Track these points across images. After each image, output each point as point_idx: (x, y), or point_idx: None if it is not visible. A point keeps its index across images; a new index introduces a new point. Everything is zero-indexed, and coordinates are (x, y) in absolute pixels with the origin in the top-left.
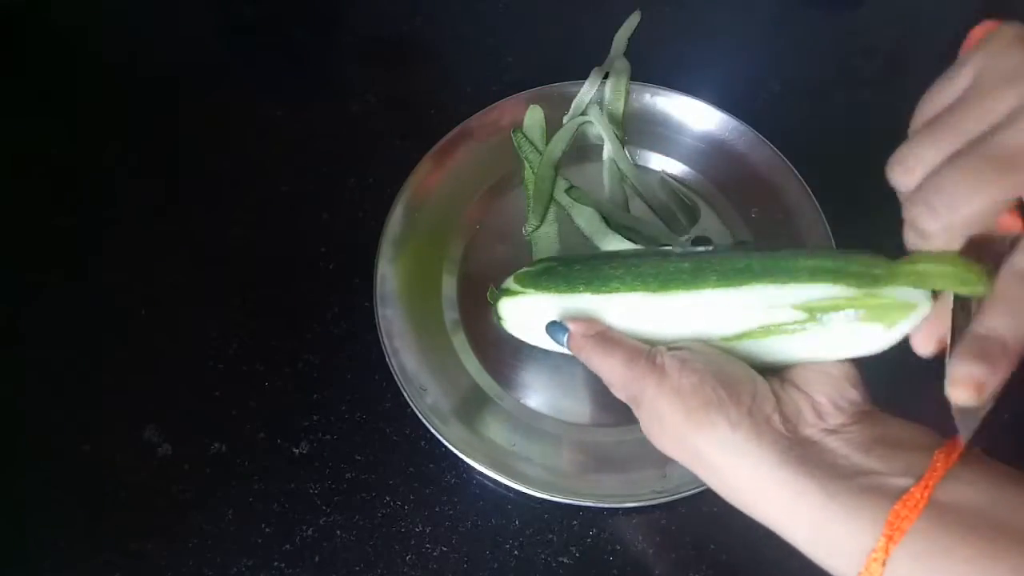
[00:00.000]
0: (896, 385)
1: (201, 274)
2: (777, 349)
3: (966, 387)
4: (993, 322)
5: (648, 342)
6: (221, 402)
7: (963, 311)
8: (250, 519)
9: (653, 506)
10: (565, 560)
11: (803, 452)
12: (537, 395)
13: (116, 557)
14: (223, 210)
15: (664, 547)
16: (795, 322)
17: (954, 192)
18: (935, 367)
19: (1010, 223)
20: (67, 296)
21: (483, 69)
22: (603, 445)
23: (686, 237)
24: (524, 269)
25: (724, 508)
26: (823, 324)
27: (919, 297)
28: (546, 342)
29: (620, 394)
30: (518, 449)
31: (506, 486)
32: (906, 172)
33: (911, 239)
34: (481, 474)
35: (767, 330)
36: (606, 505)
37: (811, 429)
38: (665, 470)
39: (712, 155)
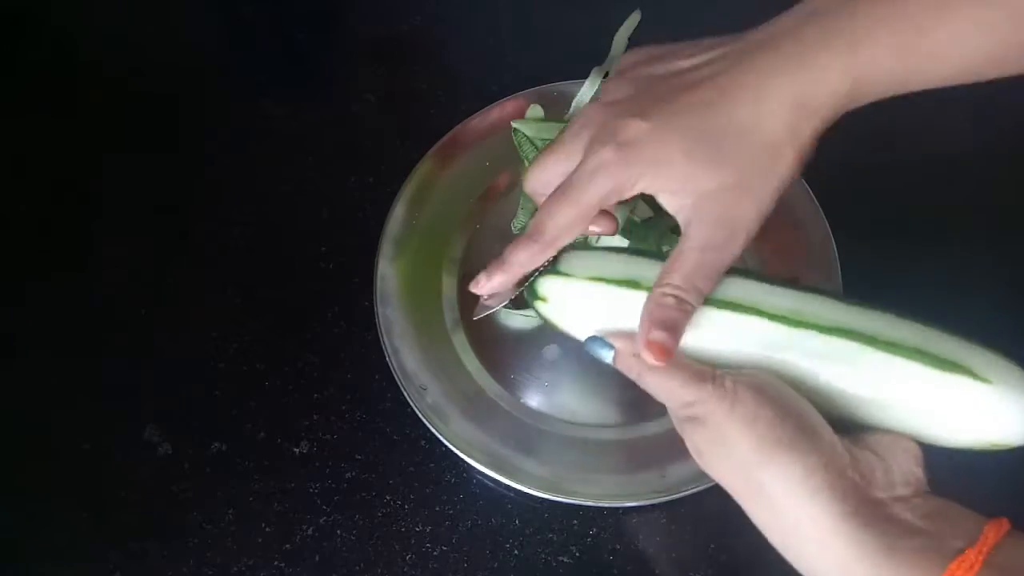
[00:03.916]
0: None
1: (201, 274)
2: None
3: (658, 351)
4: (673, 279)
5: (706, 360)
6: (221, 402)
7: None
8: (250, 519)
9: (653, 506)
10: (565, 560)
11: (870, 510)
12: (537, 395)
13: (116, 557)
14: (223, 210)
15: (664, 547)
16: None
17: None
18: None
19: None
20: (67, 296)
21: (483, 69)
22: (603, 445)
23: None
24: (576, 250)
25: (724, 508)
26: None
27: None
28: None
29: (671, 407)
30: (518, 449)
31: (506, 486)
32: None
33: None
34: (481, 474)
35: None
36: (606, 505)
37: (880, 493)
38: (665, 470)
39: None
